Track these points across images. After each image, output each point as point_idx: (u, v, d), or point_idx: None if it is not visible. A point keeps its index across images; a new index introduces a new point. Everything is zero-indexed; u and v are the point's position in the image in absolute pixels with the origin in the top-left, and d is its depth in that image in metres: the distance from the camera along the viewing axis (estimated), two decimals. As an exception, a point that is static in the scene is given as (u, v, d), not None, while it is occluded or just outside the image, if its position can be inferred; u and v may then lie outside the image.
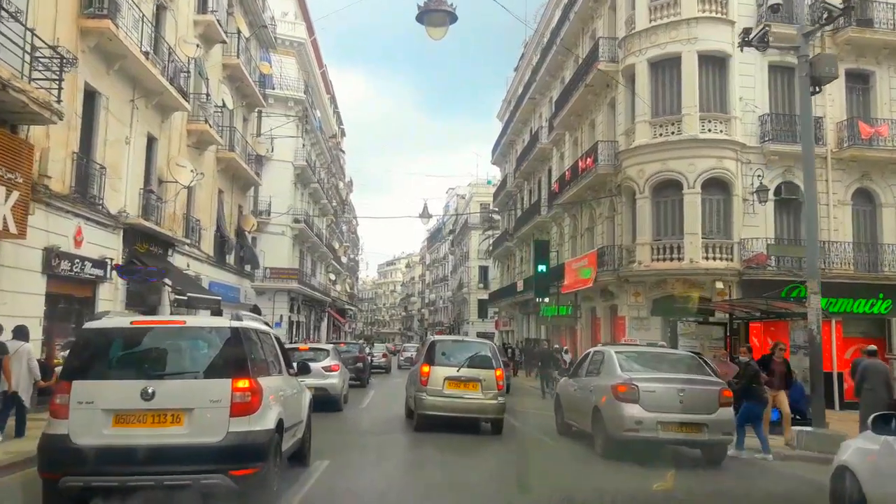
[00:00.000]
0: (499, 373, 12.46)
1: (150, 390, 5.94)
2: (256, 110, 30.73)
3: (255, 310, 39.48)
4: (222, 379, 6.16)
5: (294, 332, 45.15)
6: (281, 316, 40.16)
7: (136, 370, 6.29)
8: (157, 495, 5.89)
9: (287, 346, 24.68)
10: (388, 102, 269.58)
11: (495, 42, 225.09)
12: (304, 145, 44.83)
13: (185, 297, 18.55)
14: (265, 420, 6.36)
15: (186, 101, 19.62)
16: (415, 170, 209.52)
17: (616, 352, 11.60)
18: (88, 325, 6.75)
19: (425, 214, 24.97)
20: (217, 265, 25.56)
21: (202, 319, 9.04)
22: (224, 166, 25.62)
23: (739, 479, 9.75)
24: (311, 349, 17.96)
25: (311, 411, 9.18)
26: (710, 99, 22.12)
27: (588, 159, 26.06)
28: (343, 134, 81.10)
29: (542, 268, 29.54)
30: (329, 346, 18.84)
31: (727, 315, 17.76)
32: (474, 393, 12.11)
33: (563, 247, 32.16)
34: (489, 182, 73.76)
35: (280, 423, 6.76)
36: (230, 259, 27.38)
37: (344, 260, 78.25)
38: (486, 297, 75.90)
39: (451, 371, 12.23)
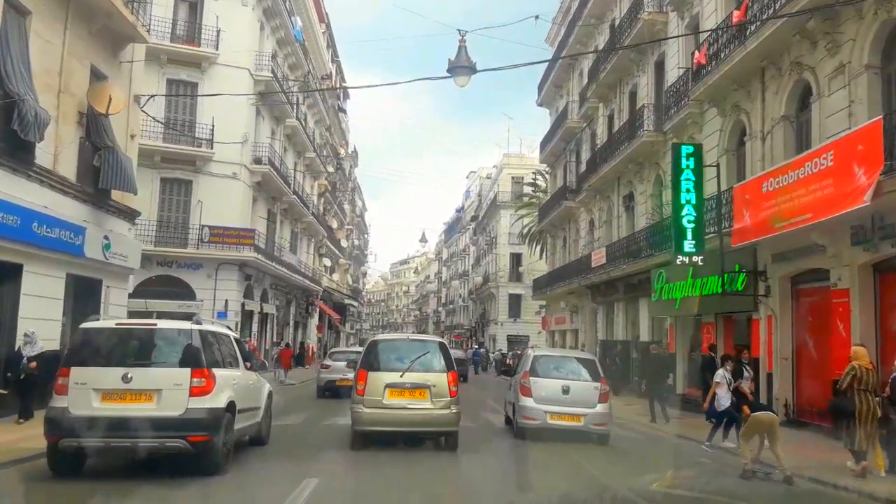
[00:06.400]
0: (451, 377, 10.44)
1: (129, 375, 7.77)
2: None
3: (186, 292, 25.62)
4: (184, 368, 7.97)
5: (259, 329, 30.91)
6: (226, 302, 25.90)
7: (119, 360, 8.01)
8: (132, 454, 7.97)
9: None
10: (405, 109, 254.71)
11: (515, 48, 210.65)
12: (274, 56, 30.69)
13: None
14: (217, 400, 8.11)
15: None
16: (431, 172, 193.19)
17: None
18: (84, 325, 8.66)
19: (459, 63, 10.58)
20: (-4, 161, 11.40)
21: (171, 322, 9.36)
22: (17, -59, 11.51)
23: None
24: (353, 352, 20.92)
25: (270, 401, 10.82)
26: None
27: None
28: (346, 95, 67.09)
29: (688, 196, 15.08)
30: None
31: None
32: (421, 402, 10.22)
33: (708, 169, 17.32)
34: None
35: (231, 404, 8.45)
36: (50, 162, 13.13)
37: (345, 245, 64.00)
38: (518, 291, 61.58)
39: (394, 377, 10.28)
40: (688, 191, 15.01)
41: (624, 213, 24.95)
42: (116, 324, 8.71)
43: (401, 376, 10.27)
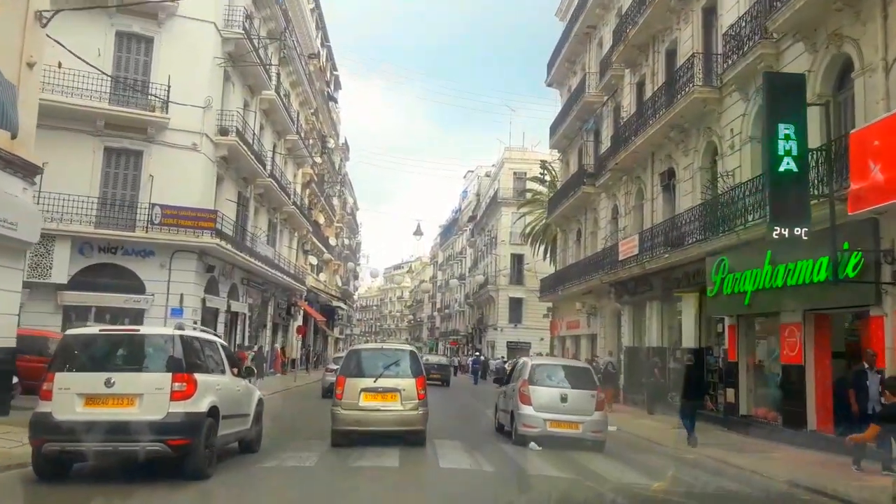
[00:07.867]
0: (419, 382, 11.54)
1: (111, 380, 7.78)
2: None
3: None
4: (165, 373, 7.97)
5: (228, 330, 26.59)
6: (181, 296, 21.60)
7: (102, 365, 8.11)
8: (114, 457, 7.99)
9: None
10: (400, 117, 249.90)
11: (515, 55, 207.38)
12: (249, 16, 26.51)
13: None
14: (199, 405, 8.10)
15: None
16: (426, 178, 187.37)
17: None
18: (69, 332, 8.90)
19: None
20: None
21: (154, 328, 10.19)
22: None
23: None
24: None
25: (260, 409, 10.71)
26: None
27: None
28: (338, 85, 62.96)
29: (787, 146, 10.92)
30: None
31: None
32: (393, 404, 11.31)
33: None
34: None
35: (214, 409, 8.43)
36: None
37: (333, 243, 59.67)
38: (520, 294, 57.31)
39: (368, 382, 11.37)
40: (787, 137, 10.84)
41: (661, 195, 20.77)
42: (100, 330, 9.09)
43: (374, 381, 11.28)
